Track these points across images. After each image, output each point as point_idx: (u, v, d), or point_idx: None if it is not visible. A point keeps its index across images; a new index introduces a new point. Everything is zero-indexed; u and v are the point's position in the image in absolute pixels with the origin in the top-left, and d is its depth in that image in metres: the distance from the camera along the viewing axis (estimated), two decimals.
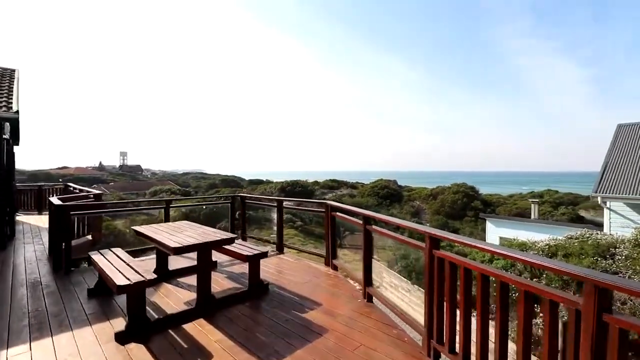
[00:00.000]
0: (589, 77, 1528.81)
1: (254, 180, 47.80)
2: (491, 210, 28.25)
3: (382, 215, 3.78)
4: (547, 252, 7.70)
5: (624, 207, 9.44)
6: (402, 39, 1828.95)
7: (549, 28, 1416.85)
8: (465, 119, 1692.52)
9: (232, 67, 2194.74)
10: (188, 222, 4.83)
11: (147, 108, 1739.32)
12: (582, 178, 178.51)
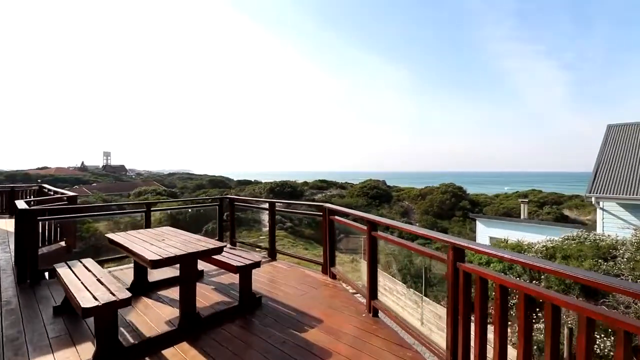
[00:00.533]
0: (569, 80, 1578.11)
1: (242, 181, 46.98)
2: (479, 210, 28.38)
3: (392, 222, 3.37)
4: (544, 254, 7.48)
5: (617, 207, 9.38)
6: (388, 40, 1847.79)
7: (532, 31, 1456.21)
8: (450, 119, 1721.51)
9: (219, 67, 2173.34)
10: (171, 228, 4.32)
11: (132, 107, 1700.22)
12: (564, 178, 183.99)
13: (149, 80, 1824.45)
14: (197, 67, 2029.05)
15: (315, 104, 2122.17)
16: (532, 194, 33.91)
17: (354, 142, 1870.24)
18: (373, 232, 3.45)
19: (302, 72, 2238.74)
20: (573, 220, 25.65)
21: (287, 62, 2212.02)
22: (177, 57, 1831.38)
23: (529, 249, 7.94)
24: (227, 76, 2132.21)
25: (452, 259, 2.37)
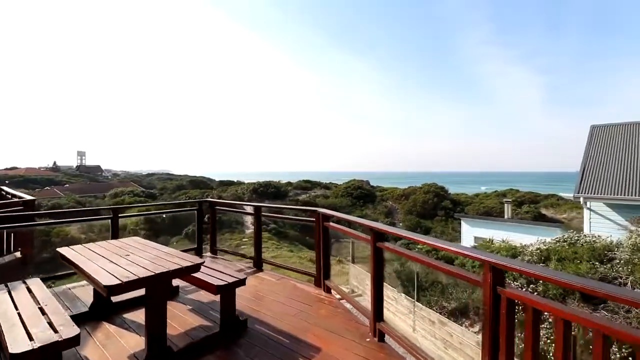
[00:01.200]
0: (544, 83, 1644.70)
1: (225, 181, 45.69)
2: (460, 209, 28.58)
3: (403, 232, 2.86)
4: (539, 256, 7.24)
5: (604, 208, 9.35)
6: (372, 42, 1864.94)
7: (508, 37, 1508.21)
8: (431, 121, 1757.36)
9: (201, 66, 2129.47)
10: (139, 240, 3.66)
11: (109, 106, 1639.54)
12: (539, 178, 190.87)
13: (127, 79, 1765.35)
14: (177, 66, 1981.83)
15: (299, 103, 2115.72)
16: (510, 193, 34.59)
17: (337, 143, 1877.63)
18: (378, 242, 2.93)
19: (284, 70, 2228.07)
20: (550, 219, 26.23)
21: (270, 60, 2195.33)
22: (155, 54, 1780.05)
23: (523, 251, 7.68)
24: (208, 75, 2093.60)
25: (491, 283, 1.88)
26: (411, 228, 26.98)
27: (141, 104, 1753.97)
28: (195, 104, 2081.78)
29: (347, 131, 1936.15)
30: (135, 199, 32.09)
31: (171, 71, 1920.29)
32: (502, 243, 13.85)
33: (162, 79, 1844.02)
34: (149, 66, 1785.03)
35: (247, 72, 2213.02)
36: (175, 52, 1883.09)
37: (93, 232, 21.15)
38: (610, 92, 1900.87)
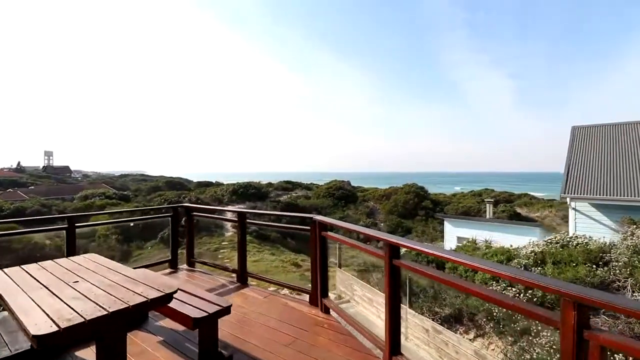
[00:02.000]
0: (514, 87, 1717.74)
1: (203, 182, 44.10)
2: (440, 209, 28.81)
3: (427, 247, 2.31)
4: (534, 259, 7.01)
5: (589, 208, 9.36)
6: (352, 44, 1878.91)
7: (482, 42, 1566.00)
8: (409, 122, 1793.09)
9: (178, 64, 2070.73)
10: (97, 257, 2.95)
11: (79, 103, 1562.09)
12: (510, 178, 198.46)
13: (100, 76, 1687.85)
14: (154, 64, 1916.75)
15: (279, 104, 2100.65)
16: (485, 192, 35.35)
17: (315, 143, 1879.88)
18: (395, 260, 2.39)
19: (263, 70, 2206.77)
20: (525, 217, 26.88)
21: (249, 59, 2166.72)
22: (131, 50, 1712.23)
23: (517, 254, 7.43)
24: (186, 74, 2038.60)
25: (574, 323, 1.37)
26: (393, 228, 26.87)
27: (114, 102, 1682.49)
28: (172, 103, 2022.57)
29: (325, 132, 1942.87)
30: (107, 201, 30.23)
31: (148, 69, 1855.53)
32: (487, 243, 13.77)
33: (137, 76, 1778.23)
34: (123, 63, 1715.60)
35: (226, 71, 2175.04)
36: (152, 50, 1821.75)
37: (60, 236, 19.57)
38: (572, 96, 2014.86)
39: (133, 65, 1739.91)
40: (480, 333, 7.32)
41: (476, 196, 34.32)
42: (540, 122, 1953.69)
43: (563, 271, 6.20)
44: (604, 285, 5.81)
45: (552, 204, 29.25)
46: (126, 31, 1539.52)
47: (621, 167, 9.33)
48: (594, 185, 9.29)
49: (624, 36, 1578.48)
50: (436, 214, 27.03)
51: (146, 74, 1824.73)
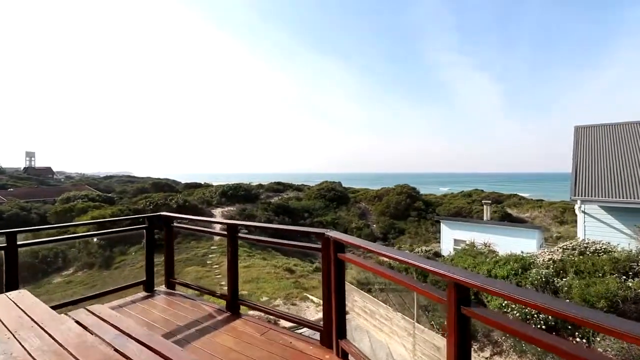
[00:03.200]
0: (500, 90, 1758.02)
1: (191, 184, 42.63)
2: (432, 210, 28.34)
3: (512, 290, 1.49)
4: (553, 268, 6.34)
5: (599, 211, 8.82)
6: (343, 46, 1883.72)
7: (470, 46, 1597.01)
8: (399, 124, 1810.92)
9: (166, 63, 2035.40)
10: (25, 298, 2.03)
11: (63, 103, 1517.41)
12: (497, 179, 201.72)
13: (86, 75, 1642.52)
14: (142, 63, 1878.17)
15: (270, 104, 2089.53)
16: (475, 193, 35.17)
17: (303, 144, 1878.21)
18: (464, 307, 1.56)
19: (253, 71, 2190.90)
20: (516, 218, 26.66)
21: (239, 61, 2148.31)
22: (115, 49, 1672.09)
23: (532, 262, 6.75)
24: (175, 74, 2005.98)
25: None
26: (385, 229, 26.25)
27: (100, 102, 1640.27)
28: (160, 103, 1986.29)
29: (314, 133, 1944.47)
30: (89, 204, 28.63)
31: (135, 69, 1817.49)
32: (487, 247, 13.16)
33: (125, 76, 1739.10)
34: (109, 62, 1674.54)
35: (215, 72, 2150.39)
36: (139, 50, 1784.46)
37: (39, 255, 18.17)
38: (554, 100, 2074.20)
39: (120, 65, 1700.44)
40: (497, 351, 6.60)
41: (466, 197, 34.06)
42: (526, 124, 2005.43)
43: (590, 283, 5.53)
44: (638, 298, 5.17)
45: (541, 204, 29.16)
46: (112, 29, 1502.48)
47: (632, 168, 8.83)
48: (604, 187, 8.76)
49: (603, 41, 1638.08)
50: (433, 216, 26.51)
51: (134, 74, 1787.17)
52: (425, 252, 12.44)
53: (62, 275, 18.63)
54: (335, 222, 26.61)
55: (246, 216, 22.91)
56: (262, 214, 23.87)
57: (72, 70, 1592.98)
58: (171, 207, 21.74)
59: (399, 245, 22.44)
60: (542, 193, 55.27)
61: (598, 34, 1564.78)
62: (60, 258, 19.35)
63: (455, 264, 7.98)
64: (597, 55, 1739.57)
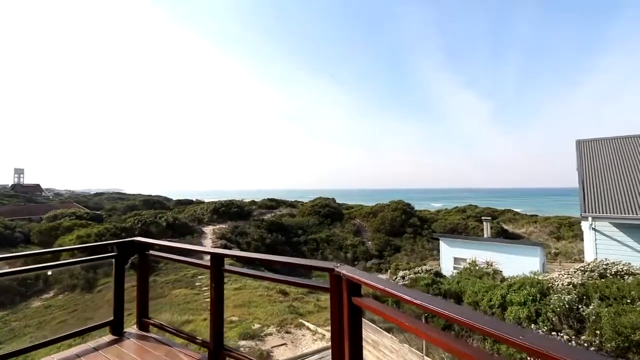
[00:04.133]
0: (488, 107, 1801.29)
1: (183, 201, 41.57)
2: (427, 226, 27.76)
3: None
4: (576, 294, 5.73)
5: (611, 228, 8.34)
6: (333, 63, 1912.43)
7: (457, 64, 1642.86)
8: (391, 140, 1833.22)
9: (158, 80, 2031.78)
10: None
11: (53, 118, 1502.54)
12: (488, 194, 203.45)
13: (76, 91, 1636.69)
14: (133, 79, 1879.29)
15: (263, 121, 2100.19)
16: (469, 208, 34.80)
17: (300, 160, 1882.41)
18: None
19: (244, 87, 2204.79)
20: (512, 234, 26.22)
21: (231, 76, 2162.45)
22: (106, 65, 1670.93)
23: (552, 286, 6.14)
24: (166, 90, 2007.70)
25: None
26: (381, 246, 25.49)
27: (92, 118, 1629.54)
28: (151, 119, 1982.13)
29: (307, 149, 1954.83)
30: (76, 222, 27.37)
31: (128, 85, 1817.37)
32: (489, 266, 12.51)
33: (116, 92, 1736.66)
34: (101, 78, 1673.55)
35: (207, 88, 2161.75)
36: (132, 66, 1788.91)
37: None
38: (538, 117, 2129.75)
39: (112, 82, 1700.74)
40: None
41: (460, 212, 33.65)
42: (512, 141, 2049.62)
43: (619, 311, 4.92)
44: None
45: (536, 219, 28.84)
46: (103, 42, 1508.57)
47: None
48: (615, 202, 8.31)
49: (586, 56, 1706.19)
50: (429, 232, 25.92)
51: (126, 91, 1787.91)
52: (426, 271, 11.76)
53: (42, 298, 17.36)
54: (330, 239, 25.81)
55: (238, 233, 22.00)
56: (255, 232, 22.98)
57: (64, 86, 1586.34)
58: (160, 225, 20.75)
59: (396, 264, 21.68)
60: (532, 208, 55.35)
61: (583, 52, 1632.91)
62: (41, 280, 18.14)
63: (462, 287, 7.32)
64: (581, 72, 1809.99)
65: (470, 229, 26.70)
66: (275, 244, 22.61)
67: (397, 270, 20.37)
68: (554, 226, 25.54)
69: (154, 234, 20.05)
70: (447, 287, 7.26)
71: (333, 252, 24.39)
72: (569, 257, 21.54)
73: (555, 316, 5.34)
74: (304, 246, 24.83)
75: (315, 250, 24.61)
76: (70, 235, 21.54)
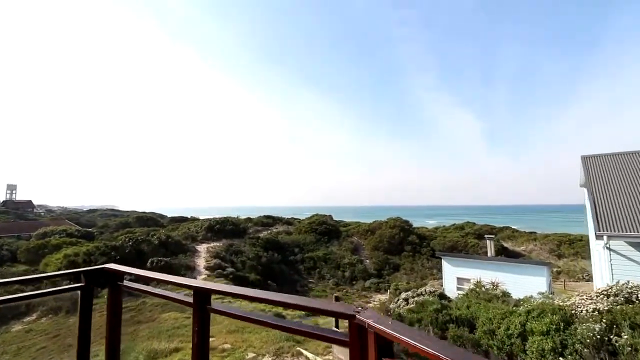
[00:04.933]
0: (480, 127, 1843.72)
1: (177, 218, 40.57)
2: (426, 243, 27.10)
3: None
4: (602, 321, 5.16)
5: (627, 247, 7.86)
6: (329, 82, 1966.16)
7: (450, 85, 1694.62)
8: (385, 157, 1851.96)
9: (154, 97, 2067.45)
10: None
11: (47, 135, 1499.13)
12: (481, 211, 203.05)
13: (73, 107, 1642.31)
14: (130, 95, 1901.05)
15: (260, 139, 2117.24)
16: (467, 226, 34.26)
17: (296, 177, 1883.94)
18: None
19: (241, 105, 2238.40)
20: (512, 252, 25.61)
21: (227, 94, 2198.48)
22: (102, 82, 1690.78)
23: (574, 313, 5.56)
24: (162, 107, 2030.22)
25: None
26: (380, 265, 24.67)
27: (88, 135, 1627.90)
28: (148, 136, 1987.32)
29: (304, 166, 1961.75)
30: (65, 240, 26.31)
31: (123, 103, 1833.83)
32: (495, 286, 11.85)
33: (112, 108, 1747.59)
34: (98, 95, 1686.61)
35: (204, 105, 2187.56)
36: (128, 82, 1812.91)
37: None
38: (526, 137, 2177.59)
39: (108, 98, 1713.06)
40: None
41: (459, 230, 33.09)
42: (505, 159, 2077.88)
43: None
44: None
45: (535, 237, 28.35)
46: (101, 59, 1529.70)
47: None
48: (630, 221, 7.88)
49: (573, 80, 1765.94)
50: (428, 250, 25.23)
51: (122, 108, 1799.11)
52: (430, 293, 11.08)
53: (23, 322, 16.25)
54: (327, 257, 24.98)
55: (233, 252, 21.15)
56: (250, 250, 22.15)
57: (60, 102, 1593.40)
58: (152, 243, 19.88)
59: (396, 283, 20.86)
60: (527, 225, 54.93)
61: (571, 75, 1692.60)
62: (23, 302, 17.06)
63: (474, 313, 6.69)
64: (569, 94, 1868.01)
65: (470, 246, 26.09)
66: (271, 262, 21.76)
67: (397, 290, 19.54)
68: (554, 244, 25.03)
69: (145, 252, 19.16)
70: (458, 313, 6.63)
71: (330, 270, 23.54)
72: (571, 276, 20.91)
73: (584, 348, 4.74)
74: (301, 265, 23.97)
75: (312, 269, 23.74)
76: (58, 254, 20.52)
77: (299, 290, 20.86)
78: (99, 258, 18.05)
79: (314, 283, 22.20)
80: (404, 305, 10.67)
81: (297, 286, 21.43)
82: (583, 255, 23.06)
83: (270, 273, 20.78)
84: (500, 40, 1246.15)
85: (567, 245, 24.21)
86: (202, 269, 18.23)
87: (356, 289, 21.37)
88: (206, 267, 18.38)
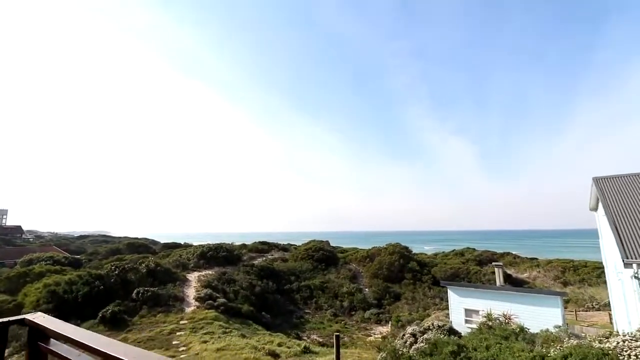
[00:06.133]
0: (475, 152, 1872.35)
1: (170, 244, 39.00)
2: (427, 270, 25.86)
3: None
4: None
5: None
6: (325, 109, 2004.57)
7: (443, 112, 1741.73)
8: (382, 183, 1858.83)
9: (147, 121, 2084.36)
10: None
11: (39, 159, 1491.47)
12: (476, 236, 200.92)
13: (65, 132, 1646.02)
14: (122, 120, 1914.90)
15: (256, 164, 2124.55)
16: (467, 252, 33.14)
17: (293, 203, 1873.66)
18: None
19: (234, 129, 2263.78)
20: (515, 279, 24.42)
21: (220, 118, 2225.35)
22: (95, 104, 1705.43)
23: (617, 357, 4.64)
24: (155, 132, 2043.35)
25: None
26: (378, 294, 23.22)
27: (80, 160, 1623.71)
28: (141, 161, 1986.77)
29: (300, 192, 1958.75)
30: (50, 268, 24.72)
31: (115, 126, 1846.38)
32: (507, 319, 10.81)
33: (104, 133, 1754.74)
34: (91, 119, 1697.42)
35: (198, 130, 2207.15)
36: (117, 104, 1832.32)
37: None
38: (520, 164, 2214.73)
39: (100, 122, 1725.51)
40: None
41: (459, 256, 31.94)
42: (498, 184, 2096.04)
43: None
44: None
45: (537, 262, 27.26)
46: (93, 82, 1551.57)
47: None
48: None
49: (565, 106, 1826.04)
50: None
51: (114, 132, 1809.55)
52: (438, 327, 9.99)
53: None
54: (325, 286, 23.57)
55: (225, 281, 19.82)
56: (244, 278, 20.81)
57: (52, 125, 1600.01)
58: (140, 272, 18.55)
59: (397, 314, 19.48)
60: (527, 250, 53.69)
61: (562, 99, 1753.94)
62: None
63: (497, 355, 5.71)
64: (560, 119, 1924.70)
65: (473, 273, 24.91)
66: (266, 292, 20.37)
67: (399, 321, 18.14)
68: (557, 270, 23.95)
69: (132, 282, 17.79)
70: (479, 357, 5.65)
71: (328, 300, 22.10)
72: (580, 305, 19.71)
73: None
74: (297, 294, 22.52)
75: (309, 299, 22.28)
76: (38, 284, 19.02)
77: (294, 322, 19.34)
78: (81, 288, 16.64)
79: (311, 314, 20.69)
80: (411, 341, 9.54)
81: (292, 317, 19.92)
82: (590, 282, 21.97)
83: (265, 303, 19.36)
84: (492, 69, 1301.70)
85: (572, 272, 23.16)
86: (192, 300, 16.87)
87: (355, 320, 19.91)
88: (196, 297, 17.02)
